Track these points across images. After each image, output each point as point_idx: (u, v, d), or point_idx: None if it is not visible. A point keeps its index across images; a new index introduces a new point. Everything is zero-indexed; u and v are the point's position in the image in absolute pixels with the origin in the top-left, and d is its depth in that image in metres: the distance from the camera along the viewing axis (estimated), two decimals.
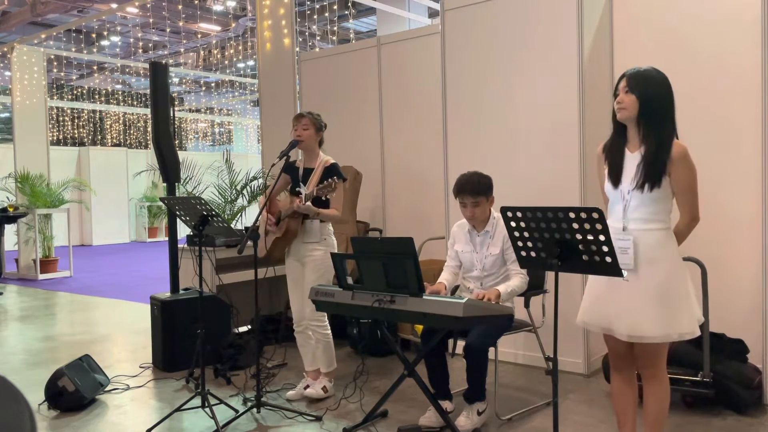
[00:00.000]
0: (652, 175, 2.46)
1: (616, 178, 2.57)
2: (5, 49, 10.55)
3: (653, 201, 2.48)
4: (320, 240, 3.81)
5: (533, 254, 2.37)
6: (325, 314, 3.86)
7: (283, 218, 3.78)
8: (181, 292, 4.78)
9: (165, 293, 4.74)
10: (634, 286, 2.48)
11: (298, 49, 6.50)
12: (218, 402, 3.69)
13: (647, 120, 2.50)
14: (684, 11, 4.00)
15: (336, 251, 3.92)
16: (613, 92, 2.59)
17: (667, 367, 2.62)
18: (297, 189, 3.83)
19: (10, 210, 9.13)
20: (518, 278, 3.40)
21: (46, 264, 10.01)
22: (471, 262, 3.54)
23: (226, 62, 17.96)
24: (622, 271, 2.25)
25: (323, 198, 3.68)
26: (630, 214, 2.52)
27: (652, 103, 2.48)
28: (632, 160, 2.54)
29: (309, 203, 3.63)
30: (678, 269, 2.50)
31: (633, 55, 4.18)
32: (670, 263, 2.48)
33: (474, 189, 3.44)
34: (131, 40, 16.23)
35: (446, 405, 3.45)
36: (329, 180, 3.58)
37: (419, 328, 3.82)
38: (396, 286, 3.00)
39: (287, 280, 3.97)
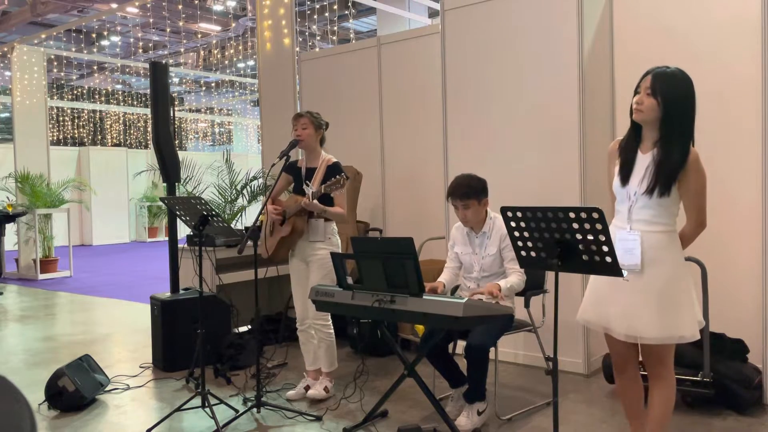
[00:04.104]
0: (663, 182, 2.42)
1: (625, 177, 2.53)
2: (5, 49, 10.54)
3: (659, 204, 2.46)
4: (325, 239, 3.81)
5: (533, 254, 2.37)
6: (329, 314, 3.86)
7: (289, 216, 3.78)
8: (181, 292, 4.78)
9: (165, 293, 4.74)
10: (636, 287, 2.47)
11: (298, 49, 6.50)
12: (218, 402, 3.69)
13: (666, 126, 2.42)
14: (684, 10, 4.00)
15: (340, 251, 3.92)
16: (634, 88, 2.49)
17: None
18: (302, 188, 3.82)
19: (9, 209, 9.12)
20: (516, 276, 3.40)
21: (46, 264, 10.01)
22: (470, 263, 3.55)
23: (226, 62, 17.95)
24: (623, 271, 2.25)
25: (330, 195, 3.68)
26: (634, 215, 2.50)
27: (674, 109, 2.40)
28: (643, 161, 2.50)
29: (316, 201, 3.63)
30: (680, 272, 2.49)
31: (633, 54, 4.18)
32: (672, 266, 2.47)
33: (463, 193, 3.43)
34: (131, 40, 16.23)
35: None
36: (338, 176, 3.58)
37: (419, 328, 3.81)
38: (396, 286, 3.00)
39: (291, 279, 3.97)
